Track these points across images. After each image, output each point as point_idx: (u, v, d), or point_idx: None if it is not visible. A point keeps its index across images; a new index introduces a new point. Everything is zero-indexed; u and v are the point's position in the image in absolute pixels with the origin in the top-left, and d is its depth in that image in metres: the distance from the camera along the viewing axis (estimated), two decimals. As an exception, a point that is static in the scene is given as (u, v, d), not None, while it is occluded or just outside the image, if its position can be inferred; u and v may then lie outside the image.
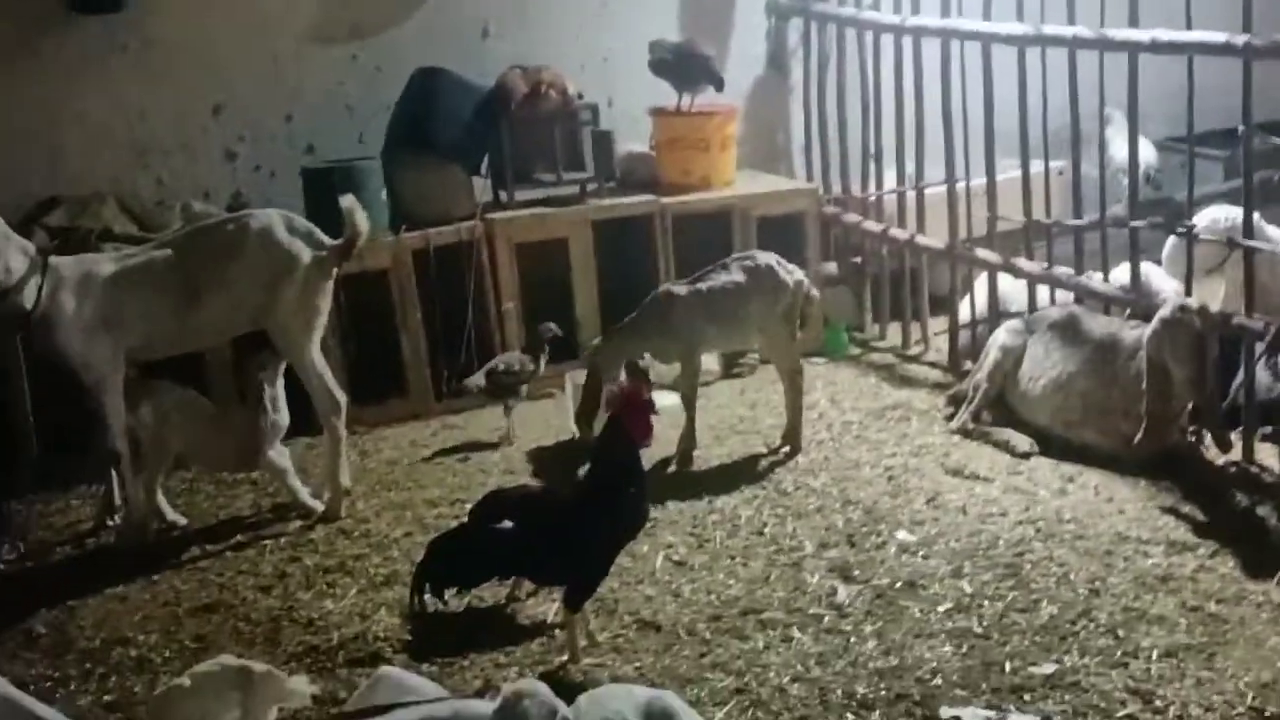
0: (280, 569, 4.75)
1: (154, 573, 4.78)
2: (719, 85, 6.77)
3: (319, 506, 5.13)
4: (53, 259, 4.84)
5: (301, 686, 3.70)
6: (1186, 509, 4.77)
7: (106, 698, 3.97)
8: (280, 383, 5.11)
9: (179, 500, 5.33)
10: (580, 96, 6.62)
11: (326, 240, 5.09)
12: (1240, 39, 4.85)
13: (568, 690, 3.30)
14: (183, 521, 5.16)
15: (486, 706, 3.01)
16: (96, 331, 4.85)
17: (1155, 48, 5.25)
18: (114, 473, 5.08)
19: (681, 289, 5.49)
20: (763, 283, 5.45)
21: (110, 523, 5.16)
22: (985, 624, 4.04)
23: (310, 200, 5.95)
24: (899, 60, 6.62)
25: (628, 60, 6.85)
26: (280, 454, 5.13)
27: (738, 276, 5.46)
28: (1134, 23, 5.37)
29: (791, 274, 5.51)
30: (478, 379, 5.92)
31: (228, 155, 6.64)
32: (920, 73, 6.52)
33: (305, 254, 5.03)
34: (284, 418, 5.12)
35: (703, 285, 5.45)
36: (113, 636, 4.33)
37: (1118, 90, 5.58)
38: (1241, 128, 5.08)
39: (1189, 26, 5.14)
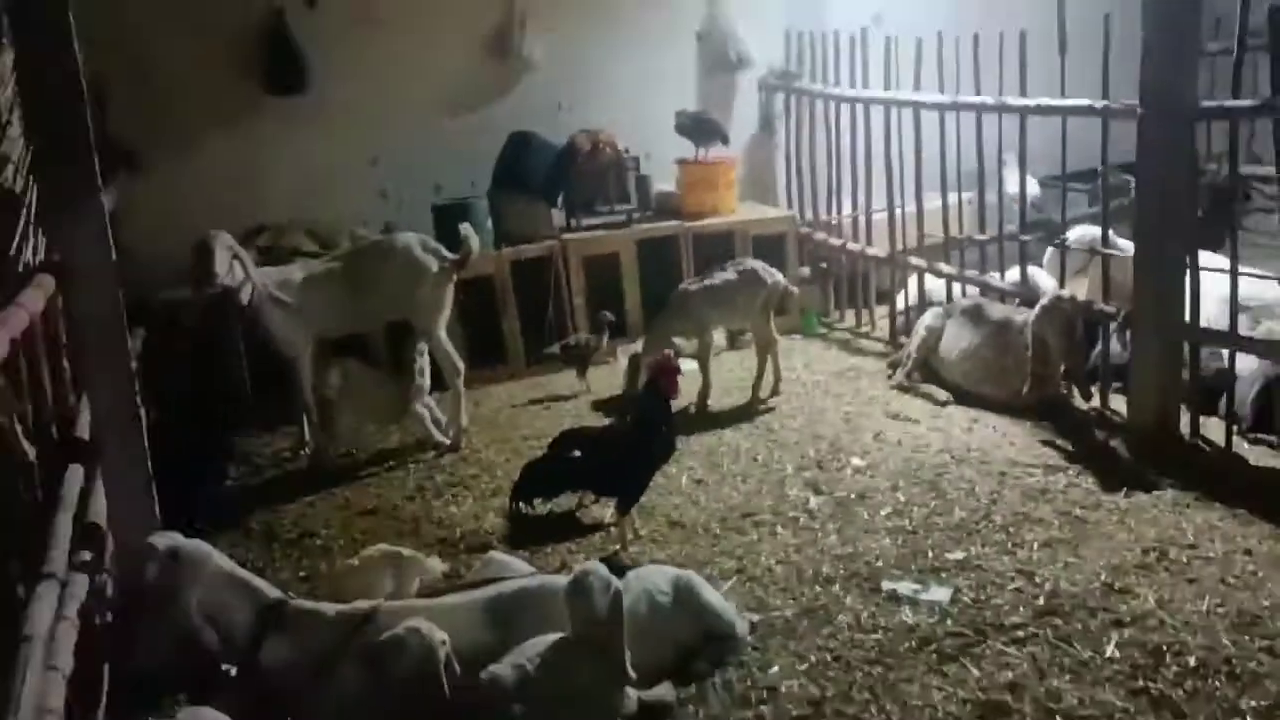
0: (419, 485, 4.79)
1: (333, 487, 4.84)
2: (726, 141, 6.74)
3: (446, 441, 5.16)
4: (262, 269, 4.89)
5: (436, 564, 3.75)
6: (1059, 442, 4.73)
7: (301, 574, 4.04)
8: (426, 357, 5.13)
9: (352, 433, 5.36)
10: (627, 151, 6.60)
11: (449, 255, 5.10)
12: (1100, 104, 4.78)
13: (619, 569, 3.32)
14: (353, 451, 5.21)
15: (563, 580, 3.03)
16: (292, 318, 4.91)
17: (1039, 110, 5.20)
18: (304, 417, 5.14)
19: (692, 286, 5.51)
20: (749, 280, 5.44)
21: (302, 452, 5.22)
22: (914, 524, 4.03)
23: (439, 226, 5.96)
24: (854, 121, 6.54)
25: (660, 125, 6.80)
26: (423, 406, 5.13)
27: (731, 275, 5.46)
28: (1024, 92, 5.29)
29: (772, 275, 5.48)
30: (554, 349, 5.97)
31: (381, 194, 6.67)
32: (869, 130, 6.43)
33: (434, 264, 5.05)
34: (427, 382, 5.14)
35: (707, 282, 5.48)
36: (305, 531, 4.40)
37: (1012, 141, 5.51)
38: (1100, 168, 5.01)
39: (1063, 94, 5.06)
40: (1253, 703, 2.87)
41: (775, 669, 3.16)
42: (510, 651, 2.92)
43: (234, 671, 3.06)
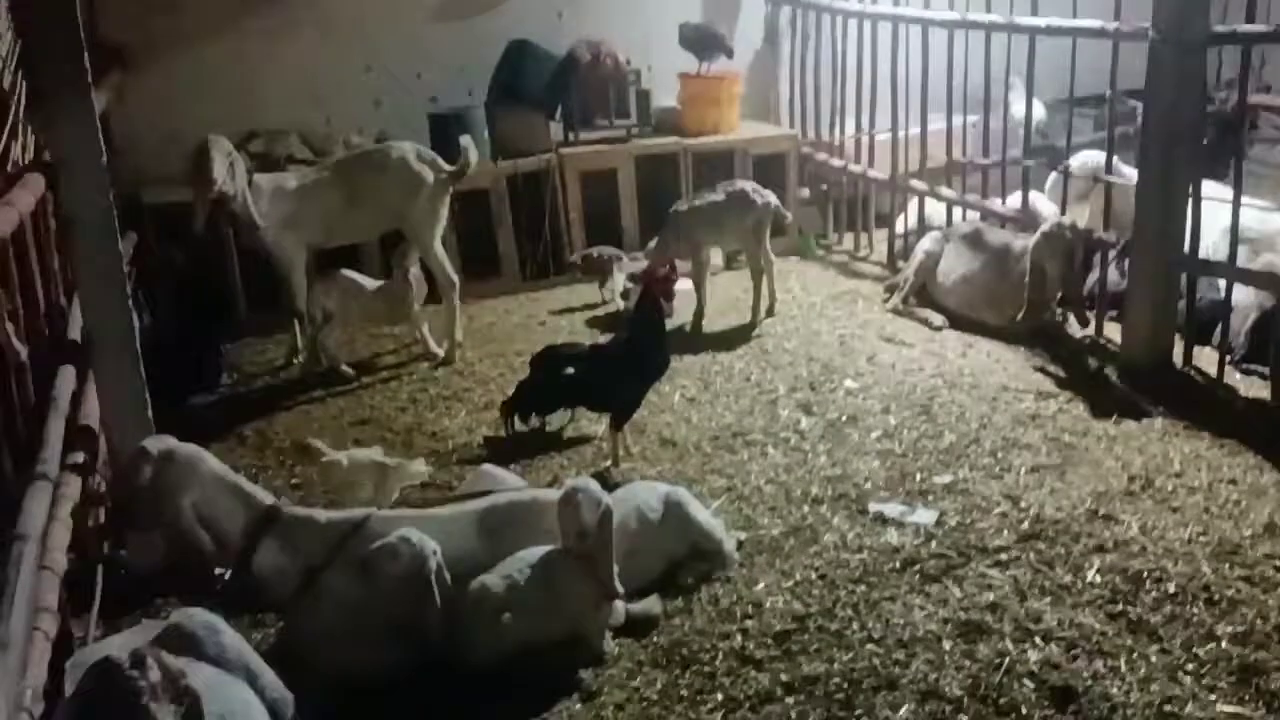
0: (413, 396, 4.80)
1: (326, 395, 4.84)
2: (729, 55, 6.58)
3: (441, 353, 5.15)
4: (255, 176, 4.80)
5: (420, 466, 3.75)
6: (1052, 368, 4.74)
7: (293, 480, 4.06)
8: (417, 265, 5.08)
9: (344, 347, 5.33)
10: (628, 63, 6.45)
11: (445, 166, 5.02)
12: (1111, 25, 4.67)
13: (610, 485, 3.34)
14: (346, 361, 5.19)
15: (554, 494, 3.05)
16: (284, 228, 4.85)
17: (1049, 31, 5.08)
18: (296, 325, 5.11)
19: (683, 206, 5.45)
20: (736, 201, 5.38)
21: (295, 360, 5.20)
22: (903, 446, 4.05)
23: (435, 136, 5.84)
24: (860, 38, 6.39)
25: (663, 37, 6.63)
26: (420, 314, 5.13)
27: (719, 196, 5.40)
28: (1034, 12, 5.17)
29: (762, 196, 5.41)
30: (575, 258, 5.98)
31: (375, 103, 6.52)
32: (875, 47, 6.28)
33: (429, 175, 4.98)
34: (423, 288, 5.10)
35: (697, 202, 5.43)
36: (298, 439, 4.37)
37: (1019, 62, 5.40)
38: (1109, 93, 4.92)
39: (1074, 15, 4.95)
40: (1229, 628, 2.92)
41: (761, 585, 3.20)
42: (500, 562, 2.96)
43: (227, 575, 3.10)
